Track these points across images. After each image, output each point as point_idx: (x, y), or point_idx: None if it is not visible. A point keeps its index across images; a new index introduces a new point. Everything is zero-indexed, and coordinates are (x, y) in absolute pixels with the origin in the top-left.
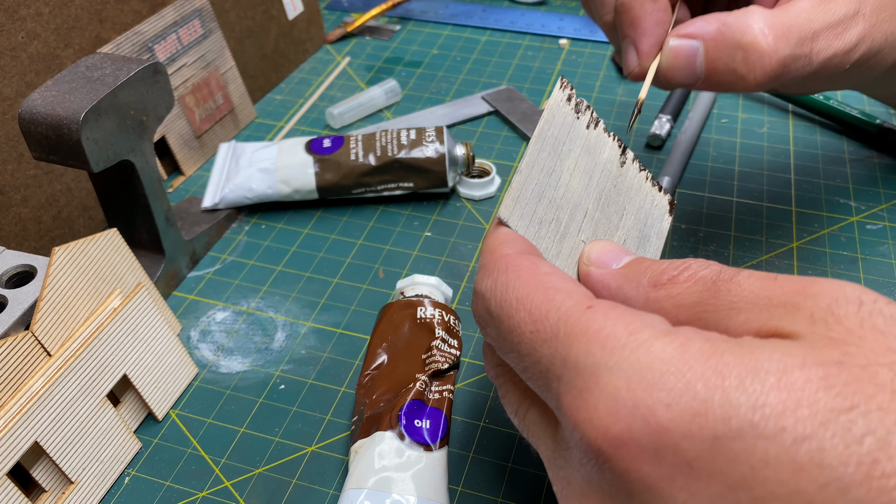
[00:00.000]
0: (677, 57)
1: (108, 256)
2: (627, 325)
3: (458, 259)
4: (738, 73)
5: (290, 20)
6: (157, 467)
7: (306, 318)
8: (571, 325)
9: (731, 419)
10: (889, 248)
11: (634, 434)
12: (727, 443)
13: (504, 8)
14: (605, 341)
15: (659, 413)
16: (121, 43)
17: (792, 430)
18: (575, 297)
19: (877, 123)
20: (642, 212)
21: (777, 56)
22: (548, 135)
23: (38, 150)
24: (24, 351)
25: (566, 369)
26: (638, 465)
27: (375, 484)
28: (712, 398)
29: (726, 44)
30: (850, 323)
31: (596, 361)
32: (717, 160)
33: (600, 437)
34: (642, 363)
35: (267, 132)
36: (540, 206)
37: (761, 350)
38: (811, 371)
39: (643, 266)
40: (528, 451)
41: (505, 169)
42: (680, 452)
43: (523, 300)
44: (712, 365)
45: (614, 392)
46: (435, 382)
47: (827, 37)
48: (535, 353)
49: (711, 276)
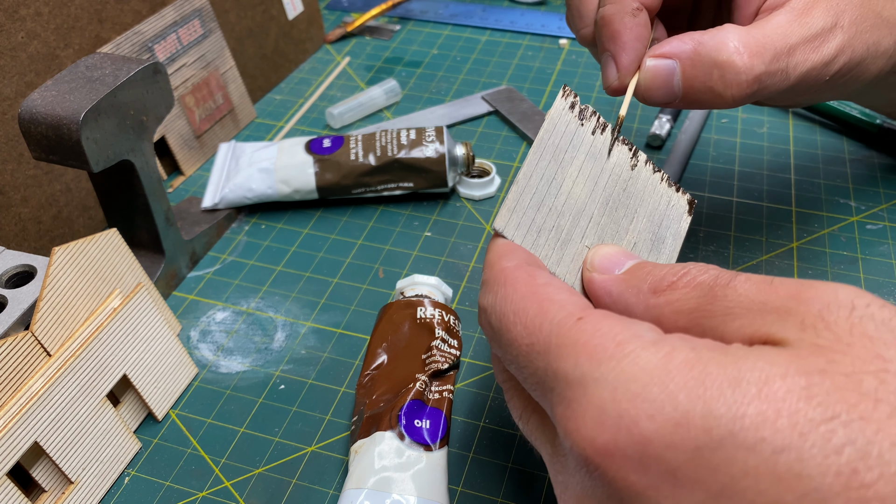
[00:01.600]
0: (655, 77)
1: (107, 256)
2: (615, 336)
3: (458, 259)
4: (714, 90)
5: (290, 20)
6: (156, 467)
7: (306, 318)
8: (562, 338)
9: (711, 430)
10: (889, 248)
11: (619, 444)
12: (708, 453)
13: (504, 8)
14: (592, 353)
15: (642, 424)
16: (121, 43)
17: (771, 441)
18: (567, 309)
19: (877, 123)
20: (656, 213)
21: (752, 73)
22: (548, 143)
23: (38, 150)
24: (24, 351)
25: (557, 381)
26: (624, 473)
27: (375, 484)
28: (694, 409)
29: (702, 63)
30: (840, 329)
31: (583, 373)
32: (717, 160)
33: (588, 448)
34: (627, 374)
35: (267, 132)
36: (539, 215)
37: (745, 360)
38: (793, 381)
39: (644, 272)
40: (528, 451)
41: (505, 169)
42: (663, 462)
43: (519, 314)
44: (695, 375)
45: (600, 403)
46: (435, 382)
47: (804, 51)
48: (531, 365)
49: (709, 282)
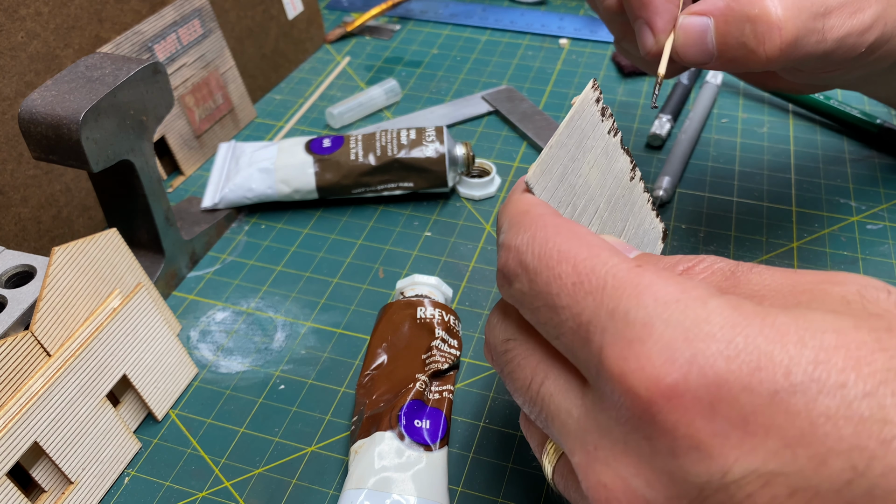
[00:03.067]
0: (688, 34)
1: (107, 256)
2: (679, 283)
3: (458, 259)
4: (748, 46)
5: (289, 20)
6: (156, 467)
7: (306, 318)
8: (621, 279)
9: (791, 374)
10: (889, 248)
11: (691, 384)
12: (787, 397)
13: (504, 8)
14: (657, 295)
15: (718, 364)
16: (120, 43)
17: (853, 386)
18: (621, 256)
19: (877, 123)
20: (641, 230)
21: (787, 28)
22: (576, 124)
23: (38, 150)
24: (24, 351)
25: (613, 320)
26: (689, 418)
27: (375, 484)
28: (773, 352)
29: (735, 17)
30: (885, 305)
31: (650, 313)
32: (717, 160)
33: (652, 388)
34: (700, 316)
35: (267, 132)
36: (561, 187)
37: (813, 314)
38: (866, 334)
39: (654, 259)
40: (528, 451)
41: (505, 169)
42: (737, 406)
43: (566, 254)
44: (769, 323)
45: (670, 342)
46: (435, 382)
47: (841, 14)
48: (577, 304)
49: (729, 268)
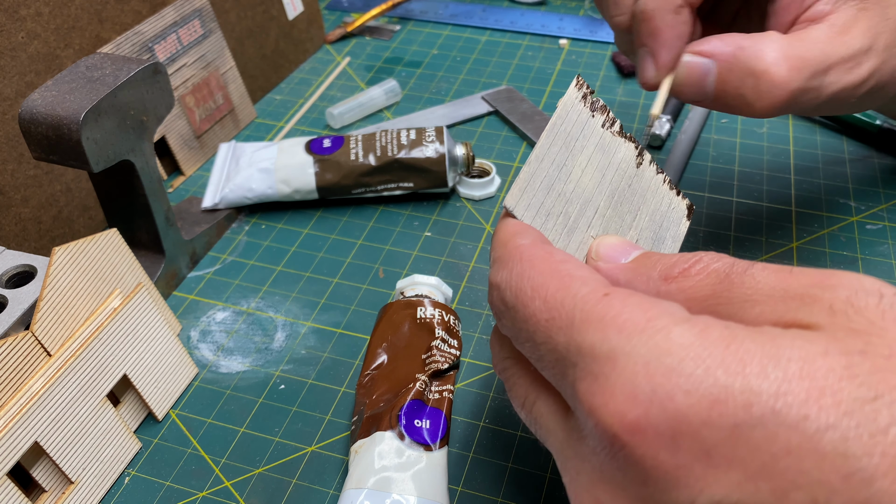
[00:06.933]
0: (690, 74)
1: (108, 256)
2: (645, 311)
3: (458, 259)
4: (746, 98)
5: (290, 20)
6: (157, 467)
7: (306, 318)
8: (587, 312)
9: (752, 406)
10: (889, 248)
11: (652, 420)
12: (748, 430)
13: (504, 8)
14: (622, 327)
15: (678, 399)
16: (121, 43)
17: (815, 419)
18: (591, 285)
19: (877, 124)
20: (658, 214)
21: (788, 88)
22: (560, 129)
23: (38, 150)
24: (24, 351)
25: (581, 356)
26: (654, 451)
27: (375, 484)
28: (733, 385)
29: (739, 68)
30: (872, 314)
31: (612, 347)
32: (717, 160)
33: (616, 423)
34: (661, 348)
35: (267, 132)
36: (548, 199)
37: (782, 338)
38: (834, 360)
39: (652, 260)
40: (528, 451)
41: (505, 169)
42: (698, 440)
43: (538, 289)
44: (732, 351)
45: (632, 377)
46: (435, 382)
47: (838, 71)
48: (551, 340)
49: (724, 269)
